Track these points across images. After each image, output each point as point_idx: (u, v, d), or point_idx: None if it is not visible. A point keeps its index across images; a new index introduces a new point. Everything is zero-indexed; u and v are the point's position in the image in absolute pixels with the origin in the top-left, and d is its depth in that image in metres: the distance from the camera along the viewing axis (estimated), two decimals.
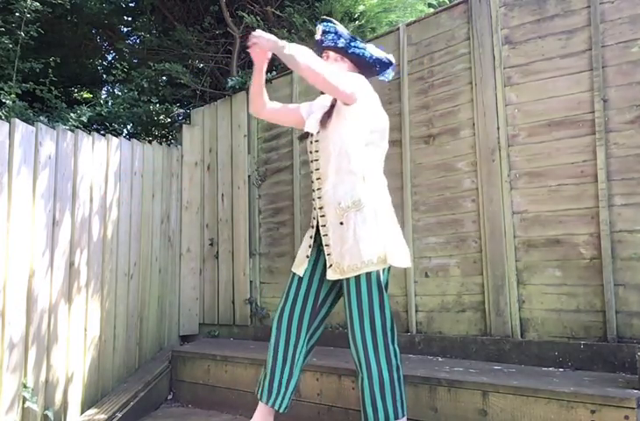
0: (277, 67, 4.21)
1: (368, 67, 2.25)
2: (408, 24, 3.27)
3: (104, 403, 3.13)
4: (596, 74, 2.53)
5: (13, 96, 3.75)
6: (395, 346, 2.02)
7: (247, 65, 5.03)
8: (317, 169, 2.13)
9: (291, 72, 3.81)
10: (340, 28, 2.21)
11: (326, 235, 2.08)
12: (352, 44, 2.19)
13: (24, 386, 2.69)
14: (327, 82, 1.99)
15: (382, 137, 2.16)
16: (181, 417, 3.15)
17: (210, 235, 4.22)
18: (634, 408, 1.81)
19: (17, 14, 4.12)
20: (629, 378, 2.14)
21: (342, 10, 4.20)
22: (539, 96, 2.69)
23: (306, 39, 4.23)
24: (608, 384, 2.05)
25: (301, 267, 2.20)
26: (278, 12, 4.52)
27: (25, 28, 4.10)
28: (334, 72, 2.03)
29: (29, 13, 4.08)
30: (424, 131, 3.11)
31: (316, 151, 2.14)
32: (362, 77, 2.16)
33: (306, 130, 2.22)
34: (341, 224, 2.03)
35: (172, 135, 5.19)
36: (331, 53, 2.20)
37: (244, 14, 4.47)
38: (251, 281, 3.93)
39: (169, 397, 3.56)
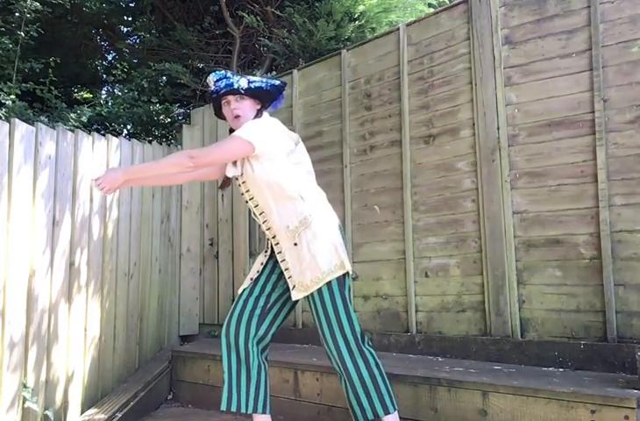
0: (276, 66, 4.21)
1: (267, 96, 2.27)
2: (408, 24, 3.27)
3: (104, 402, 3.13)
4: (596, 74, 2.53)
5: (13, 96, 3.75)
6: (368, 346, 2.06)
7: (247, 65, 5.03)
8: (257, 206, 2.19)
9: (291, 72, 3.82)
10: (229, 73, 2.26)
11: (284, 260, 2.14)
12: (245, 80, 2.22)
13: (25, 386, 2.69)
14: (219, 154, 2.13)
15: (301, 153, 2.21)
16: (181, 417, 3.15)
17: (210, 235, 4.22)
18: (634, 408, 1.81)
19: (17, 14, 4.13)
20: (629, 378, 2.14)
21: (342, 10, 4.20)
22: (539, 96, 2.69)
23: (306, 39, 4.23)
24: (607, 384, 2.05)
25: (246, 284, 2.25)
26: (278, 12, 4.52)
27: (25, 28, 4.10)
28: (211, 147, 2.26)
29: (29, 13, 4.08)
30: (424, 131, 3.11)
31: (247, 190, 2.20)
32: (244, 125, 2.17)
33: (229, 175, 2.26)
34: (295, 245, 2.09)
35: (172, 135, 5.19)
36: (230, 97, 2.21)
37: (244, 14, 4.47)
38: None
39: (169, 397, 3.56)
